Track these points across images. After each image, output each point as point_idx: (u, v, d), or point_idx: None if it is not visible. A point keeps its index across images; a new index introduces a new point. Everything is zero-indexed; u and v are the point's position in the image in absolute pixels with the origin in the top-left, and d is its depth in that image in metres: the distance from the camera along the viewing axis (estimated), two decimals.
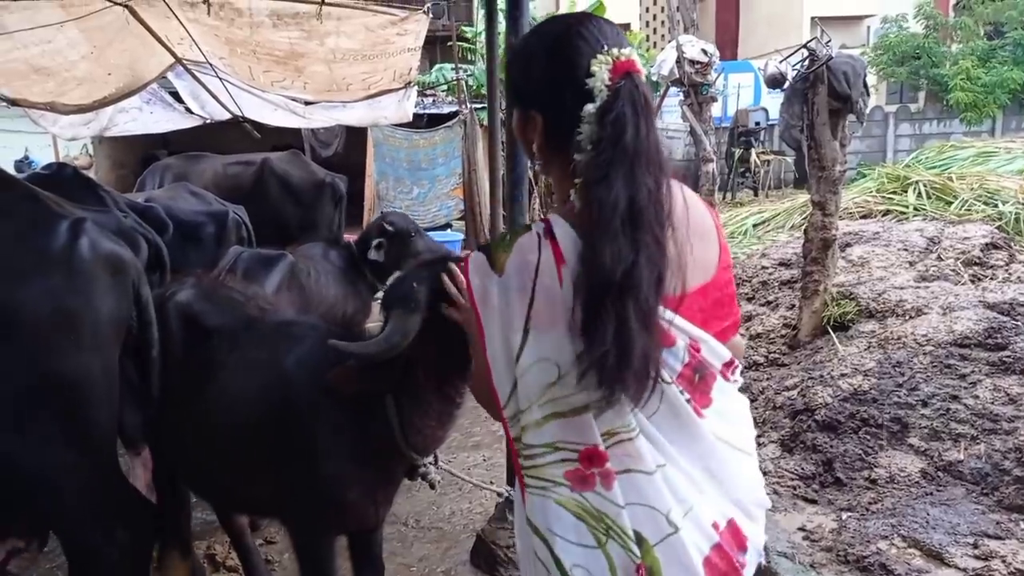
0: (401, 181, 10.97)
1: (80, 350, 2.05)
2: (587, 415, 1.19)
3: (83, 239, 2.09)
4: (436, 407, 2.01)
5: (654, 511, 1.20)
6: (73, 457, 2.09)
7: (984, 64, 15.99)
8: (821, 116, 4.51)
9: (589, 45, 1.21)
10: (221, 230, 4.03)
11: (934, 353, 4.01)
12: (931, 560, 2.88)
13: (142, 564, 2.29)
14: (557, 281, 1.18)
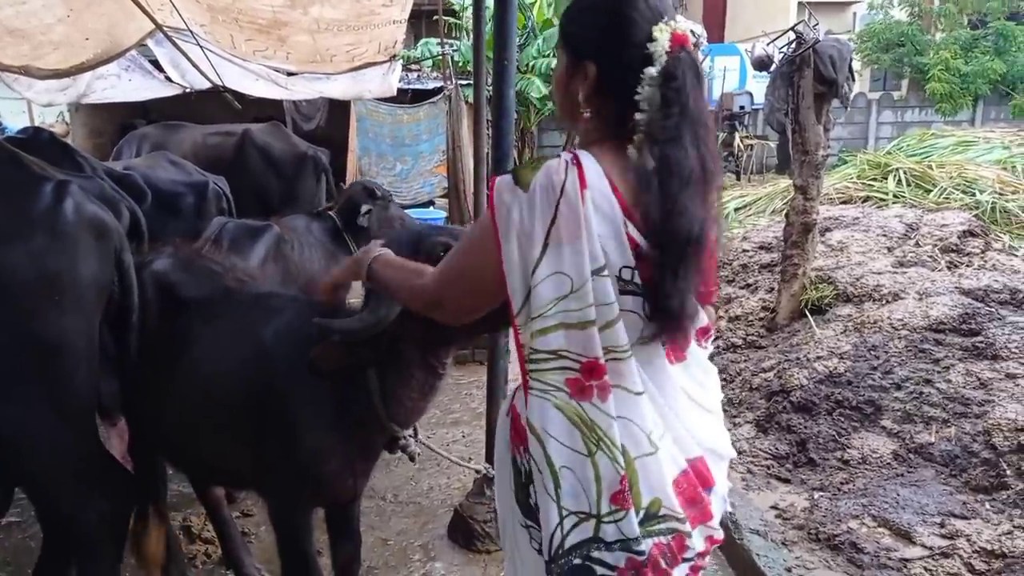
0: (384, 157, 10.87)
1: (62, 313, 2.03)
2: (592, 329, 1.30)
3: (68, 201, 2.06)
4: (419, 378, 2.01)
5: (638, 428, 1.34)
6: (52, 422, 2.08)
7: (966, 53, 16.09)
8: (806, 100, 4.52)
9: (652, 11, 1.33)
10: (201, 201, 3.97)
11: (909, 337, 4.07)
12: (899, 539, 2.94)
13: (119, 532, 2.29)
14: (580, 201, 1.28)
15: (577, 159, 1.32)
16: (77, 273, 2.06)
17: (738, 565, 3.06)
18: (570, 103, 1.43)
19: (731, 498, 3.35)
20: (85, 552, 2.25)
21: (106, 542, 2.25)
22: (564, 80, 1.44)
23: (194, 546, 3.15)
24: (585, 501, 1.33)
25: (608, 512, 1.32)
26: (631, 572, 1.34)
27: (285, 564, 2.26)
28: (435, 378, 2.05)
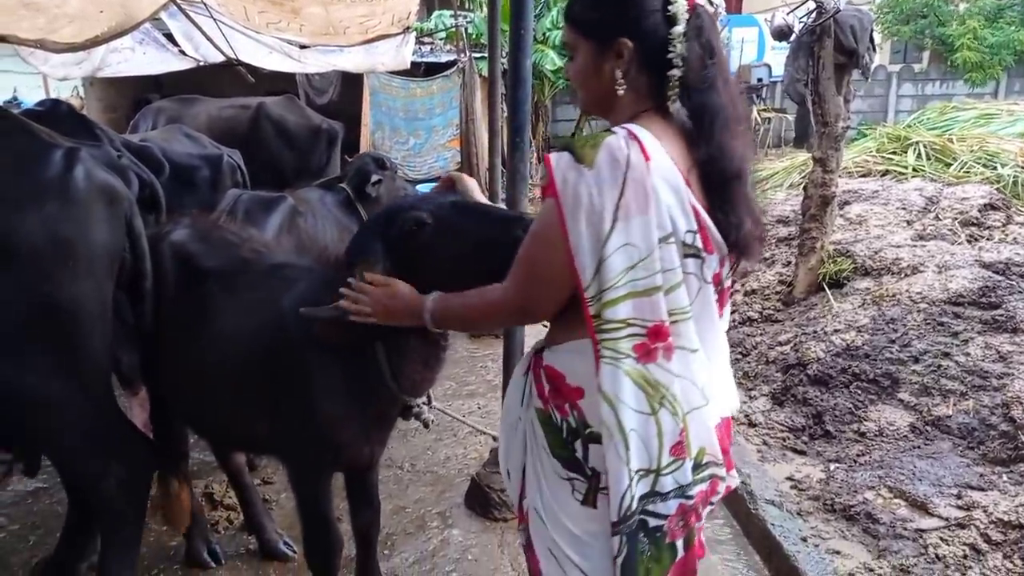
0: (397, 131, 10.81)
1: (76, 279, 2.05)
2: (658, 295, 1.38)
3: (78, 168, 2.07)
4: (421, 352, 2.01)
5: (693, 384, 1.44)
6: (68, 387, 2.10)
7: (992, 24, 15.74)
8: (826, 70, 4.45)
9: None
10: (216, 174, 3.98)
11: (928, 311, 4.04)
12: (915, 510, 2.95)
13: (139, 497, 2.32)
14: (647, 173, 1.35)
15: (633, 134, 1.38)
16: (89, 239, 2.08)
17: (754, 535, 3.07)
18: (604, 87, 1.48)
19: (747, 469, 3.38)
20: (107, 517, 2.29)
21: (127, 507, 2.29)
22: (593, 67, 1.49)
23: (216, 512, 3.20)
24: (647, 458, 1.42)
25: (667, 464, 1.43)
26: (678, 518, 1.46)
27: (305, 528, 2.29)
28: (439, 350, 2.04)
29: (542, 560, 1.58)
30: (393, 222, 1.84)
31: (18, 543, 3.06)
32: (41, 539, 3.06)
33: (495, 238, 1.73)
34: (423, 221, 1.80)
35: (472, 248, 1.77)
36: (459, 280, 1.72)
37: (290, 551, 2.89)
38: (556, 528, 1.54)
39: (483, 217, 1.83)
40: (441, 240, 1.80)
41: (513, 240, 1.62)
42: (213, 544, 2.91)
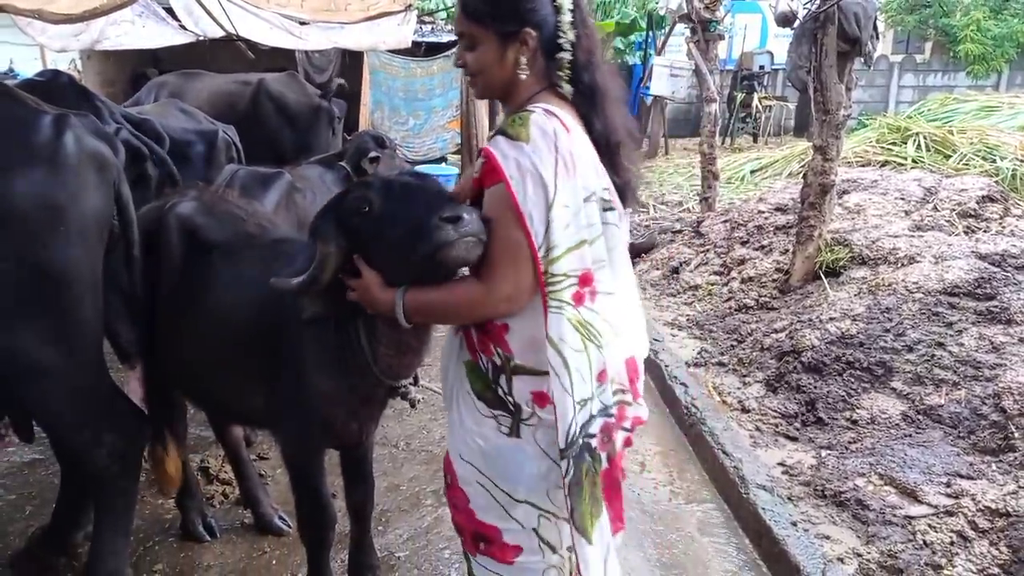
0: (397, 111, 10.76)
1: (67, 244, 2.05)
2: (585, 247, 1.58)
3: (68, 134, 2.07)
4: (390, 336, 1.97)
5: (608, 322, 1.64)
6: (60, 354, 2.10)
7: (996, 15, 15.69)
8: (829, 58, 4.43)
9: None
10: (210, 149, 3.96)
11: (923, 300, 4.06)
12: (905, 497, 2.98)
13: (131, 467, 2.33)
14: (569, 141, 1.55)
15: (549, 110, 1.58)
16: (80, 205, 2.08)
17: (744, 519, 3.11)
18: (507, 73, 1.64)
19: (738, 454, 3.41)
20: (99, 486, 2.30)
21: (120, 477, 2.29)
22: (496, 55, 1.63)
23: (212, 487, 3.22)
24: (585, 388, 1.59)
25: (596, 388, 1.62)
26: (604, 435, 1.65)
27: (299, 503, 2.32)
28: (407, 336, 1.97)
29: (471, 494, 1.76)
30: (340, 203, 1.84)
31: (15, 513, 3.08)
32: (37, 509, 3.08)
33: (416, 219, 1.66)
34: (370, 201, 1.78)
35: (401, 227, 1.70)
36: (394, 264, 1.73)
37: (285, 526, 2.92)
38: (486, 464, 1.72)
39: (415, 197, 1.75)
40: (383, 219, 1.76)
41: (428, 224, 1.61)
42: (208, 518, 2.93)
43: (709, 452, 3.53)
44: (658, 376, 4.45)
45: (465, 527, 1.82)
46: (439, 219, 1.59)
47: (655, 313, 5.44)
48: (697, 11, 6.82)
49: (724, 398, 4.02)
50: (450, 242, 1.58)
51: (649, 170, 10.70)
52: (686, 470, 3.60)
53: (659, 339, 4.88)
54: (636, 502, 3.29)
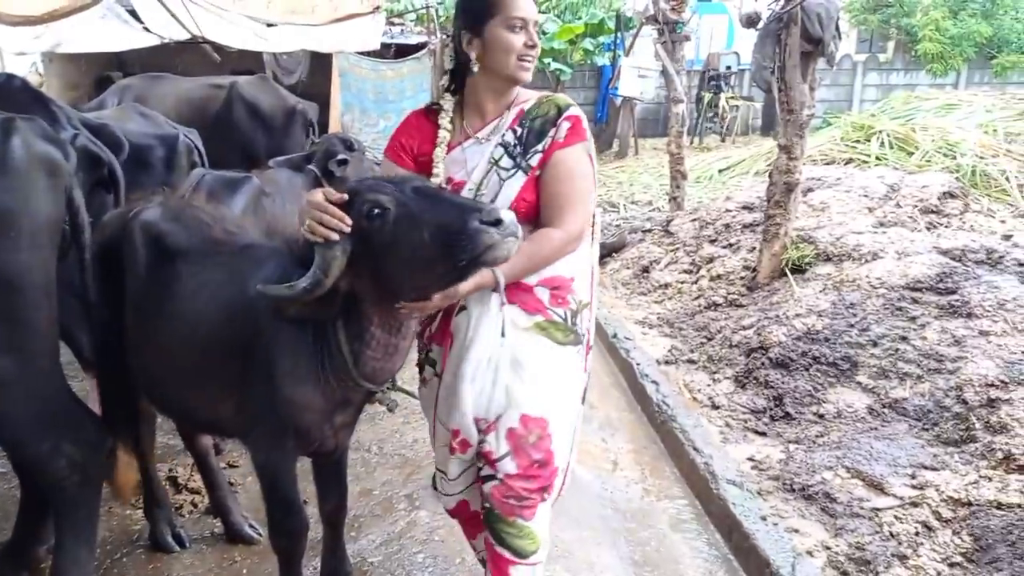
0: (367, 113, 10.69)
1: (19, 250, 2.01)
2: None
3: (15, 138, 2.03)
4: (380, 339, 1.97)
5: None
6: (14, 363, 2.06)
7: (954, 16, 16.04)
8: (792, 58, 4.50)
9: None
10: (171, 154, 3.88)
11: (887, 296, 4.13)
12: (871, 489, 3.03)
13: (92, 479, 2.29)
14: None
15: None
16: (31, 210, 2.04)
17: (715, 514, 3.14)
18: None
19: (708, 450, 3.45)
20: (59, 499, 2.25)
21: (80, 489, 2.24)
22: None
23: (180, 496, 3.18)
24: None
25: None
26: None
27: (270, 511, 2.28)
28: (398, 339, 2.00)
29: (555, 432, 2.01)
30: (353, 204, 1.81)
31: None
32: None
33: (450, 224, 1.70)
34: (384, 206, 1.77)
35: (429, 233, 1.73)
36: (413, 270, 1.75)
37: (256, 534, 2.89)
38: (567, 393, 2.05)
39: (443, 203, 1.79)
40: (400, 225, 1.77)
41: (468, 229, 1.64)
42: (177, 528, 2.89)
43: (680, 449, 3.57)
44: (630, 375, 4.49)
45: (542, 485, 2.02)
46: (480, 222, 1.64)
47: (626, 312, 5.48)
48: (663, 13, 6.88)
49: (694, 395, 4.06)
50: (494, 244, 1.65)
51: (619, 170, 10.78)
52: (658, 467, 3.63)
53: (630, 337, 4.91)
54: (609, 500, 3.31)
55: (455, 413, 2.02)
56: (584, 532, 3.01)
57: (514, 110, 2.01)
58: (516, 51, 1.91)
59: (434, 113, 2.07)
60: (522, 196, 1.95)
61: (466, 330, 1.99)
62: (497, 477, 2.01)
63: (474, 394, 1.99)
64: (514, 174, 1.96)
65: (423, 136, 2.06)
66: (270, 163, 3.93)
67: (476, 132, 2.02)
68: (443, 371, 2.08)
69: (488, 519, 2.06)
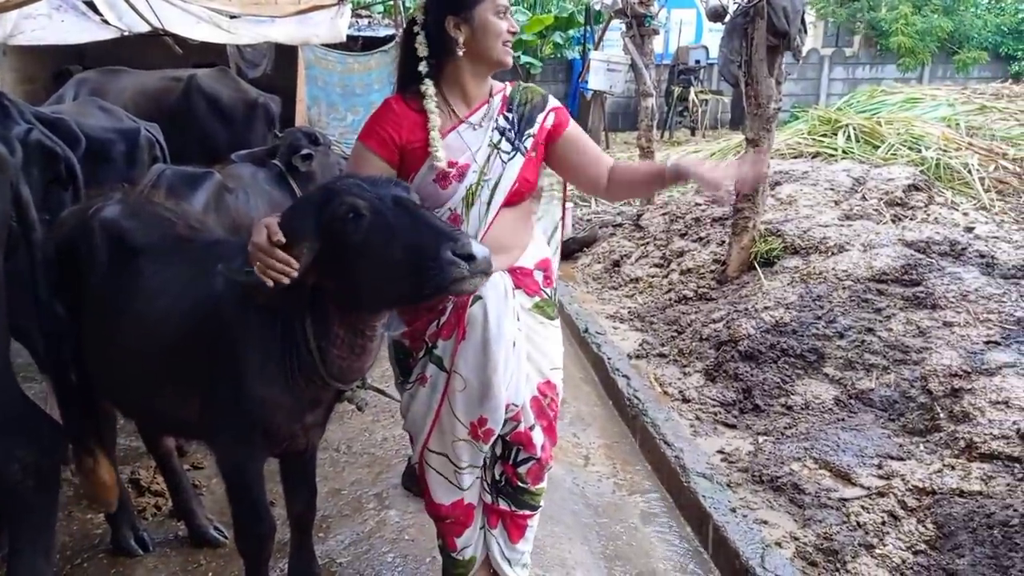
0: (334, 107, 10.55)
1: None
2: None
3: None
4: (346, 339, 1.95)
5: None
6: None
7: (918, 11, 16.33)
8: (759, 52, 4.52)
9: None
10: (132, 148, 3.79)
11: (853, 288, 4.18)
12: (839, 480, 3.06)
13: (47, 483, 2.22)
14: None
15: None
16: None
17: (685, 507, 3.15)
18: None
19: (679, 443, 3.46)
20: (14, 504, 2.17)
21: (35, 494, 2.16)
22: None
23: (143, 499, 3.10)
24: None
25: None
26: None
27: (236, 514, 2.24)
28: (364, 340, 1.97)
29: (559, 387, 2.23)
30: (328, 203, 1.77)
31: None
32: None
33: (423, 248, 1.67)
34: (360, 211, 1.74)
35: (400, 251, 1.71)
36: (376, 282, 1.73)
37: (221, 537, 2.83)
38: (558, 358, 2.23)
39: (421, 223, 1.76)
40: (373, 234, 1.73)
41: (440, 258, 1.62)
42: (141, 531, 2.82)
43: (651, 443, 3.57)
44: (601, 369, 4.49)
45: (555, 439, 2.27)
46: (453, 253, 1.62)
47: (597, 307, 5.48)
48: (632, 6, 6.88)
49: (665, 389, 4.07)
50: (462, 279, 1.64)
51: None
52: (629, 461, 3.64)
53: (601, 332, 4.92)
54: (580, 495, 3.31)
55: (486, 404, 2.06)
56: (556, 528, 3.00)
57: (498, 96, 2.12)
58: (503, 36, 2.02)
59: (415, 100, 2.05)
60: (523, 176, 2.08)
61: (484, 321, 2.00)
62: (536, 457, 2.21)
63: (505, 382, 2.06)
64: (514, 156, 2.07)
65: (410, 123, 2.03)
66: (232, 157, 3.84)
67: (467, 117, 2.08)
68: (455, 365, 2.04)
69: (514, 496, 2.26)
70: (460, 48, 1.99)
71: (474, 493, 2.26)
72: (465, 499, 2.25)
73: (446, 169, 2.01)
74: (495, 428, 2.09)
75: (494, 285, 1.99)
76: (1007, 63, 16.65)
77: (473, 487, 2.24)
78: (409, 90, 2.08)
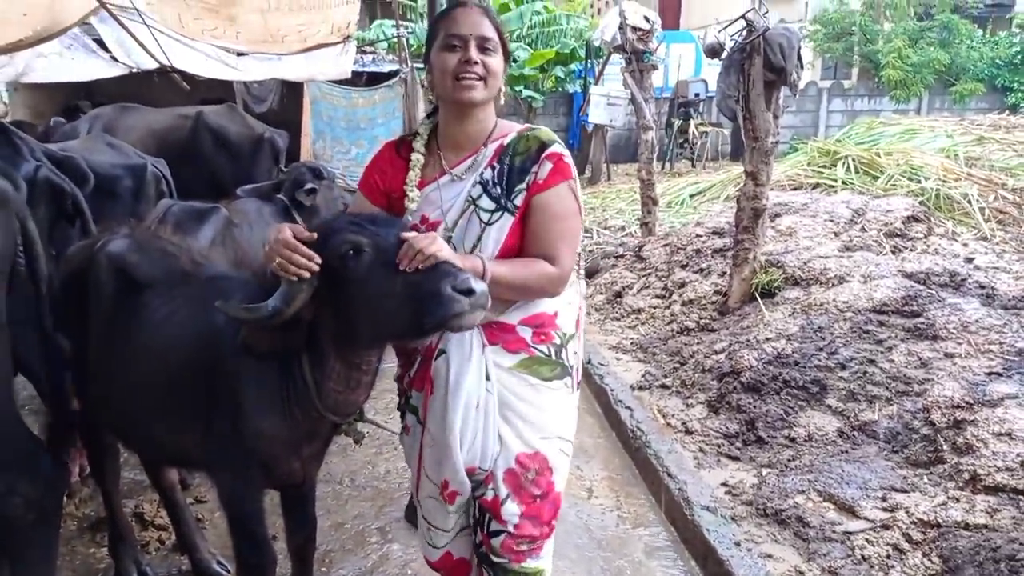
0: (339, 141, 10.71)
1: None
2: None
3: None
4: (341, 372, 1.95)
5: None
6: None
7: (914, 44, 16.56)
8: (756, 87, 4.59)
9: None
10: (139, 183, 3.86)
11: (854, 319, 4.19)
12: (843, 513, 3.05)
13: (50, 517, 2.23)
14: None
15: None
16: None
17: (690, 540, 3.13)
18: (498, 87, 1.89)
19: (683, 476, 3.44)
20: (14, 539, 2.18)
21: (37, 526, 2.17)
22: (502, 68, 1.88)
23: (147, 532, 3.11)
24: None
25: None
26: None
27: (237, 546, 2.24)
28: (359, 373, 1.98)
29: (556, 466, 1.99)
30: (329, 241, 1.78)
31: None
32: None
33: (424, 284, 1.68)
34: (361, 248, 1.75)
35: (400, 287, 1.71)
36: (376, 318, 1.74)
37: (223, 571, 2.83)
38: (559, 426, 1.99)
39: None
40: (374, 271, 1.74)
41: (441, 293, 1.62)
42: (144, 565, 2.82)
43: (655, 475, 3.56)
44: (604, 400, 4.49)
45: (548, 519, 2.01)
46: (453, 289, 1.63)
47: (600, 337, 5.49)
48: (631, 43, 7.00)
49: (668, 420, 4.07)
50: (462, 313, 1.64)
51: (592, 195, 10.86)
52: (632, 494, 3.62)
53: (604, 363, 4.92)
54: (584, 529, 3.29)
55: (445, 464, 1.94)
56: (560, 562, 2.98)
57: (492, 145, 1.91)
58: (451, 70, 1.79)
59: (406, 147, 1.98)
60: (508, 242, 1.87)
61: (446, 376, 1.89)
62: (507, 530, 1.95)
63: (466, 444, 1.91)
64: (500, 217, 1.86)
65: (394, 172, 1.97)
66: (238, 192, 3.91)
67: (452, 168, 1.92)
68: (426, 419, 1.97)
69: (495, 572, 2.01)
70: (432, 94, 1.90)
71: (466, 548, 2.15)
72: (454, 554, 2.17)
73: (417, 224, 1.90)
74: (460, 491, 1.98)
75: (459, 340, 1.88)
76: (1004, 94, 16.81)
77: (460, 542, 2.14)
78: (409, 134, 2.03)
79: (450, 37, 1.81)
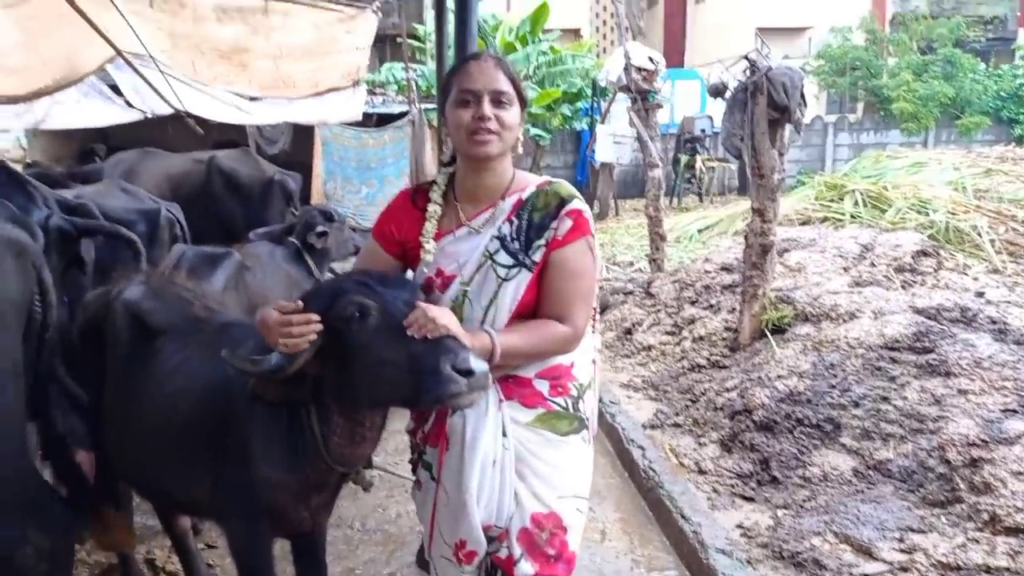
0: (349, 181, 10.85)
1: None
2: None
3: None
4: (345, 428, 1.95)
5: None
6: None
7: (918, 78, 16.70)
8: (760, 125, 4.63)
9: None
10: (153, 228, 3.92)
11: (865, 356, 4.16)
12: (860, 555, 3.00)
13: (61, 566, 2.22)
14: None
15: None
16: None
17: None
18: (515, 140, 1.88)
19: (697, 518, 3.40)
20: None
21: None
22: (517, 121, 1.88)
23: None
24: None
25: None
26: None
27: None
28: (363, 429, 1.97)
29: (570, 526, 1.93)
30: (335, 302, 1.77)
31: None
32: None
33: (422, 359, 1.66)
34: (367, 311, 1.74)
35: (400, 357, 1.70)
36: (374, 382, 1.74)
37: None
38: (575, 484, 1.95)
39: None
40: (376, 336, 1.73)
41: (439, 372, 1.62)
42: None
43: (668, 517, 3.52)
44: (616, 439, 4.45)
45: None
46: (452, 367, 1.62)
47: (610, 375, 5.47)
48: (635, 82, 7.09)
49: (681, 460, 4.03)
50: (459, 394, 1.63)
51: (601, 231, 10.92)
52: (646, 536, 3.57)
53: (615, 402, 4.89)
54: (598, 573, 3.25)
55: (462, 523, 1.90)
56: None
57: (511, 199, 1.89)
58: (464, 126, 1.79)
59: (422, 197, 1.96)
60: (526, 299, 1.85)
61: (462, 432, 1.87)
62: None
63: (483, 502, 1.88)
64: (518, 272, 1.84)
65: (410, 222, 1.94)
66: (250, 235, 3.96)
67: (470, 219, 1.90)
68: (440, 476, 1.93)
69: None
70: (450, 148, 1.91)
71: None
72: None
73: (432, 276, 1.89)
74: (476, 550, 1.93)
75: (483, 400, 1.83)
76: (1009, 127, 16.88)
77: None
78: (426, 181, 2.01)
79: (463, 92, 1.80)
